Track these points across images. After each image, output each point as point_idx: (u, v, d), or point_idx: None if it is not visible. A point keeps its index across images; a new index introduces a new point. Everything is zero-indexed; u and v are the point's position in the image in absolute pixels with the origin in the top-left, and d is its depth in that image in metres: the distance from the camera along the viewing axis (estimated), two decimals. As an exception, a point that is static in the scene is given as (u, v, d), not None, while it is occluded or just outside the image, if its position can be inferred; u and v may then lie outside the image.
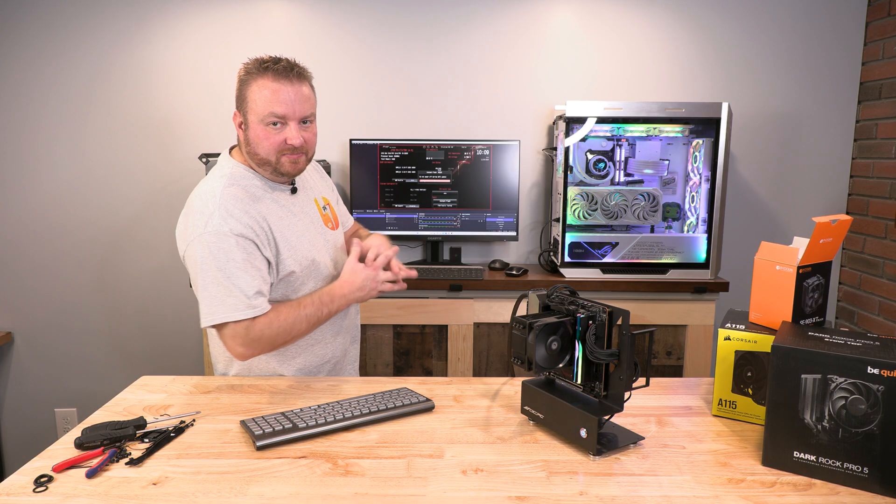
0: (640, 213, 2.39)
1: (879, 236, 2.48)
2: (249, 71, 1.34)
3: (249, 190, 1.38)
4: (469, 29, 2.58)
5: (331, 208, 1.58)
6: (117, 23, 2.52)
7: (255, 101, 1.32)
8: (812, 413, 0.99)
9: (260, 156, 1.36)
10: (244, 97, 1.35)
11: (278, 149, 1.34)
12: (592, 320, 1.08)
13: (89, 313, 2.68)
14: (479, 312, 2.34)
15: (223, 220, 1.30)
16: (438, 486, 0.97)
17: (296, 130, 1.34)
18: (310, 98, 1.37)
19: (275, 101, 1.31)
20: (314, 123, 1.41)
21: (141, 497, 0.93)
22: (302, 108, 1.34)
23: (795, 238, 1.22)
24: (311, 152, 1.42)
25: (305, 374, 1.51)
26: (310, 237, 1.45)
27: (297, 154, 1.37)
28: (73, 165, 2.59)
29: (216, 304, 1.28)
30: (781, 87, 2.61)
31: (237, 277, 1.28)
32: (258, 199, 1.38)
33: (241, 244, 1.30)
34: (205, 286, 1.29)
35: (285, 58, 1.35)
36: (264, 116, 1.32)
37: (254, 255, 1.32)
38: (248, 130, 1.36)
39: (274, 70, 1.31)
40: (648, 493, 0.95)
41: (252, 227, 1.32)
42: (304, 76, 1.37)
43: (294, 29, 2.56)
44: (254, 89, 1.33)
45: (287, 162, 1.36)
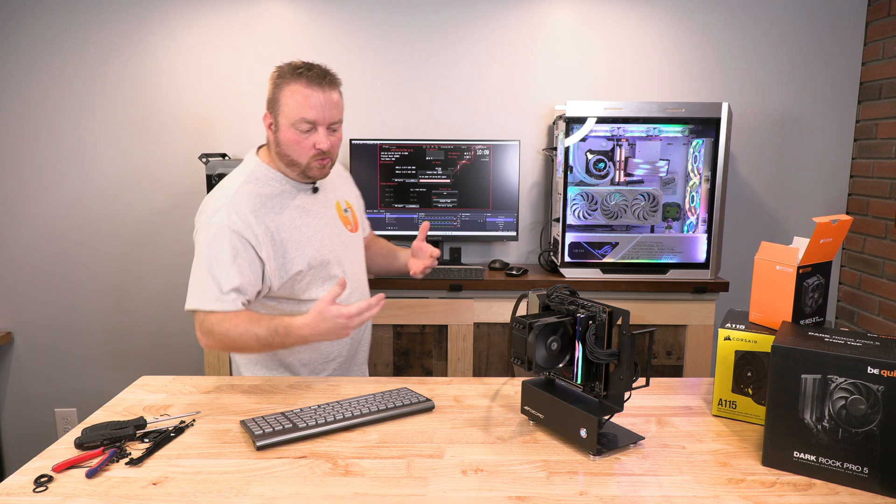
0: (640, 213, 2.39)
1: (879, 236, 2.48)
2: (283, 75, 1.39)
3: (267, 189, 1.43)
4: (469, 29, 2.58)
5: (352, 211, 1.61)
6: (118, 24, 2.52)
7: (287, 104, 1.37)
8: (812, 413, 0.99)
9: (290, 157, 1.41)
10: (276, 100, 1.39)
11: (309, 153, 1.39)
12: (592, 320, 1.08)
13: (89, 313, 2.68)
14: (479, 312, 2.34)
15: (227, 215, 1.36)
16: (438, 486, 0.97)
17: (324, 135, 1.39)
18: (339, 104, 1.42)
19: (307, 107, 1.36)
20: (340, 129, 1.46)
21: (141, 497, 0.93)
22: (331, 114, 1.39)
23: (795, 238, 1.22)
24: (335, 156, 1.47)
25: (310, 370, 1.52)
26: (322, 237, 1.48)
27: (325, 159, 1.42)
28: (73, 166, 2.59)
29: (194, 290, 1.37)
30: (781, 87, 2.61)
31: (219, 271, 1.34)
32: (274, 198, 1.43)
33: (235, 241, 1.35)
34: (193, 272, 1.39)
35: (318, 64, 1.41)
36: (296, 121, 1.37)
37: (245, 253, 1.36)
38: (278, 132, 1.41)
39: (307, 76, 1.37)
40: (648, 493, 0.95)
41: (252, 227, 1.37)
42: (335, 83, 1.42)
43: (294, 29, 2.56)
44: (286, 93, 1.37)
45: (316, 166, 1.42)
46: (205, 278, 1.35)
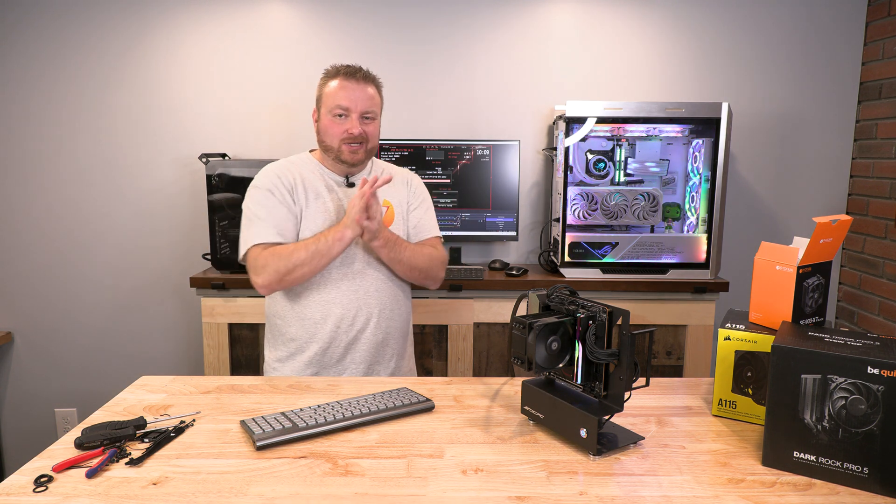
0: (640, 213, 2.39)
1: (879, 236, 2.48)
2: (327, 74, 1.60)
3: (301, 169, 1.62)
4: (469, 29, 2.58)
5: (389, 210, 1.66)
6: (119, 24, 2.52)
7: (327, 96, 1.57)
8: (812, 413, 0.99)
9: (326, 143, 1.59)
10: (320, 96, 1.60)
11: (340, 136, 1.56)
12: (592, 320, 1.08)
13: (89, 313, 2.68)
14: (479, 312, 2.34)
15: (261, 178, 1.59)
16: (438, 486, 0.97)
17: (356, 121, 1.56)
18: (373, 97, 1.60)
19: (341, 96, 1.55)
20: (376, 121, 1.62)
21: (141, 497, 0.93)
22: (364, 103, 1.56)
23: (795, 238, 1.22)
24: (370, 145, 1.61)
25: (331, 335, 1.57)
26: (333, 220, 1.58)
27: (357, 144, 1.57)
28: (74, 166, 2.59)
29: (243, 239, 1.56)
30: (781, 87, 2.61)
31: (258, 217, 1.54)
32: (306, 177, 1.61)
33: (267, 196, 1.56)
34: (242, 228, 1.58)
35: (358, 65, 1.61)
36: (332, 108, 1.56)
37: (276, 204, 1.55)
38: (320, 122, 1.61)
39: (345, 72, 1.58)
40: (648, 493, 0.95)
41: (277, 186, 1.56)
42: (371, 79, 1.60)
43: (294, 30, 2.56)
44: (328, 88, 1.58)
45: (347, 150, 1.57)
46: (247, 229, 1.55)
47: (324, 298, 1.57)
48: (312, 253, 1.48)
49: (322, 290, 1.57)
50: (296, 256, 1.48)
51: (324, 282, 1.57)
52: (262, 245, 1.52)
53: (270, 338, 1.67)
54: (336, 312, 1.57)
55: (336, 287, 1.58)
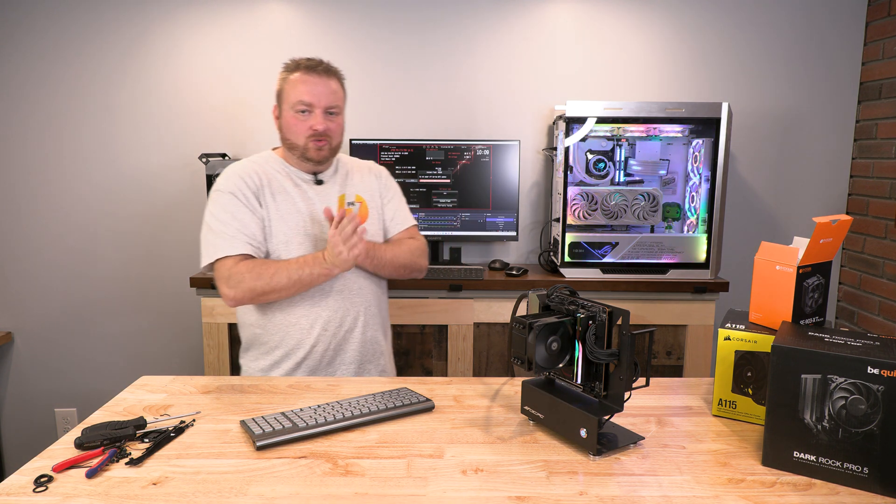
0: (640, 213, 2.39)
1: (879, 236, 2.48)
2: (287, 69, 1.55)
3: (266, 168, 1.57)
4: (469, 29, 2.58)
5: (362, 206, 1.64)
6: (119, 24, 2.52)
7: (288, 92, 1.52)
8: (812, 413, 0.99)
9: (290, 140, 1.54)
10: (281, 91, 1.55)
11: (305, 133, 1.52)
12: (592, 320, 1.08)
13: (89, 313, 2.68)
14: (479, 312, 2.34)
15: (224, 181, 1.53)
16: (438, 486, 0.97)
17: (321, 117, 1.51)
18: (337, 92, 1.55)
19: (303, 91, 1.50)
20: (340, 116, 1.58)
21: (141, 497, 0.93)
22: (327, 98, 1.52)
23: (795, 238, 1.22)
24: (335, 141, 1.57)
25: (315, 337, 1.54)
26: (303, 219, 1.55)
27: (322, 140, 1.53)
28: (73, 166, 2.59)
29: (207, 246, 1.49)
30: (781, 87, 2.61)
31: (225, 224, 1.48)
32: (272, 176, 1.56)
33: (231, 200, 1.50)
34: (203, 234, 1.51)
35: (318, 58, 1.56)
36: (294, 104, 1.51)
37: (241, 209, 1.49)
38: (281, 119, 1.56)
39: (306, 66, 1.53)
40: (648, 493, 0.95)
41: (242, 189, 1.51)
42: (333, 73, 1.56)
43: (294, 29, 2.56)
44: (289, 83, 1.53)
45: (313, 147, 1.53)
46: (213, 237, 1.48)
47: (309, 304, 1.53)
48: (294, 282, 1.45)
49: (306, 296, 1.53)
50: (276, 280, 1.44)
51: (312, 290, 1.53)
52: (235, 257, 1.46)
53: (249, 347, 1.62)
54: (324, 316, 1.54)
55: (320, 290, 1.54)
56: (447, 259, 2.61)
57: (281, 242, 1.52)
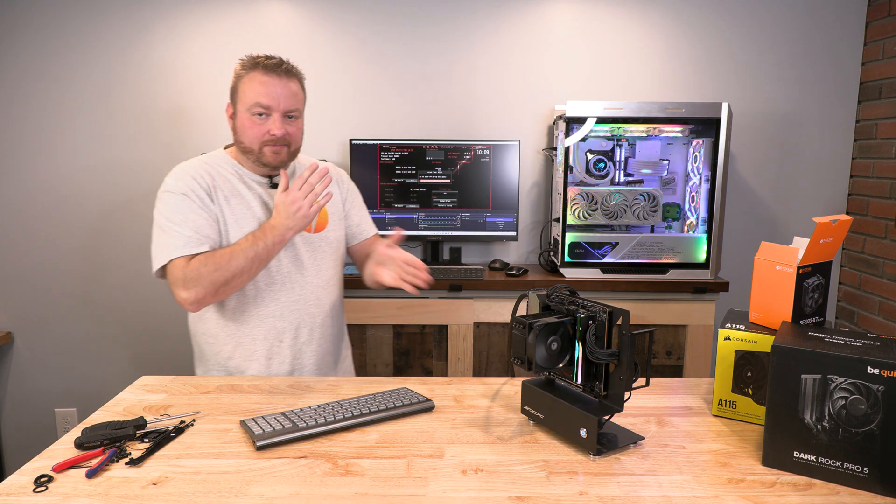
0: (640, 213, 2.39)
1: (879, 236, 2.48)
2: (244, 66, 1.43)
3: (218, 170, 1.46)
4: (469, 29, 2.58)
5: (322, 211, 1.55)
6: (119, 26, 2.52)
7: (244, 92, 1.41)
8: (812, 413, 0.99)
9: (244, 144, 1.44)
10: (236, 89, 1.44)
11: (261, 138, 1.41)
12: (592, 320, 1.08)
13: (89, 313, 2.68)
14: (479, 312, 2.34)
15: (174, 181, 1.42)
16: (438, 486, 0.97)
17: (279, 122, 1.41)
18: (297, 94, 1.45)
19: (262, 93, 1.39)
20: (300, 119, 1.48)
21: (141, 497, 0.93)
22: (287, 101, 1.42)
23: (795, 238, 1.22)
24: (294, 146, 1.47)
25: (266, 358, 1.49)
26: (259, 224, 1.44)
27: (280, 146, 1.43)
28: (74, 166, 2.59)
29: (159, 248, 1.40)
30: (781, 87, 2.61)
31: (176, 224, 1.38)
32: (223, 176, 1.46)
33: (180, 199, 1.40)
34: (153, 237, 1.42)
35: (279, 56, 1.44)
36: (251, 106, 1.40)
37: (195, 209, 1.39)
38: (236, 120, 1.45)
39: (265, 65, 1.41)
40: (648, 493, 0.95)
41: (194, 188, 1.41)
42: (294, 73, 1.45)
43: (295, 29, 2.56)
44: (245, 81, 1.42)
45: (269, 152, 1.43)
46: (164, 234, 1.39)
47: (261, 312, 1.47)
48: (252, 259, 1.35)
49: (259, 304, 1.46)
50: (234, 264, 1.34)
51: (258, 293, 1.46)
52: (186, 257, 1.35)
53: (201, 358, 1.56)
54: (277, 326, 1.48)
55: (274, 299, 1.47)
56: (447, 259, 2.61)
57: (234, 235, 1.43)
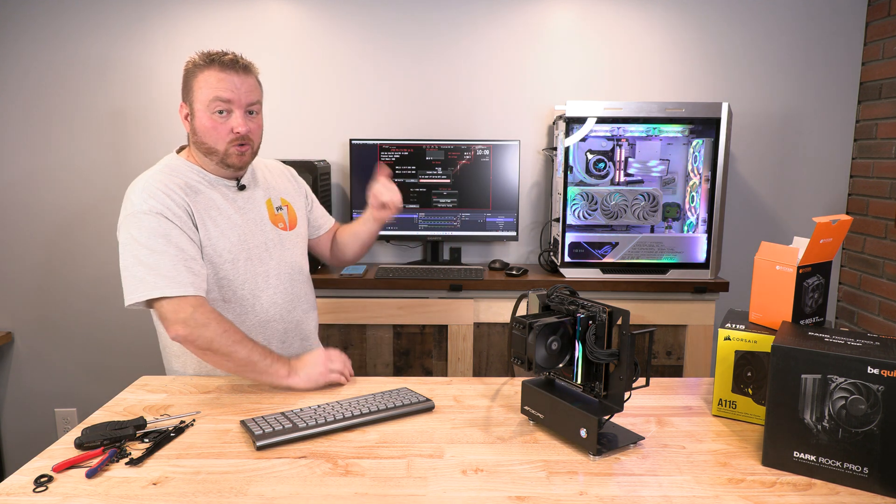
0: (640, 213, 2.39)
1: (879, 236, 2.48)
2: (196, 63, 1.36)
3: (184, 179, 1.39)
4: (469, 29, 2.58)
5: (289, 208, 1.56)
6: (118, 26, 2.52)
7: (200, 89, 1.35)
8: (812, 413, 0.99)
9: (207, 145, 1.37)
10: (190, 87, 1.37)
11: (226, 138, 1.36)
12: (592, 320, 1.08)
13: (89, 313, 2.68)
14: (479, 312, 2.34)
15: (146, 200, 1.31)
16: (438, 486, 0.97)
17: (241, 118, 1.36)
18: (255, 88, 1.40)
19: (221, 88, 1.34)
20: (260, 115, 1.43)
21: (141, 497, 0.93)
22: (248, 95, 1.37)
23: (795, 238, 1.22)
24: (256, 144, 1.43)
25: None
26: (244, 232, 1.43)
27: (244, 145, 1.38)
28: (73, 166, 2.59)
29: (141, 282, 1.27)
30: (781, 87, 2.61)
31: (158, 254, 1.28)
32: (192, 187, 1.39)
33: (161, 222, 1.30)
34: (128, 265, 1.30)
35: (231, 51, 1.38)
36: (210, 102, 1.34)
37: (178, 235, 1.31)
38: (194, 120, 1.38)
39: (220, 62, 1.35)
40: (648, 493, 0.95)
41: (171, 207, 1.32)
42: (250, 69, 1.40)
43: (294, 29, 2.56)
44: (200, 79, 1.35)
45: (235, 153, 1.38)
46: (145, 268, 1.28)
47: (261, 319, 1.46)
48: (244, 366, 1.31)
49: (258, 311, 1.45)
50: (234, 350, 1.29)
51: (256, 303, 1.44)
52: (188, 299, 1.28)
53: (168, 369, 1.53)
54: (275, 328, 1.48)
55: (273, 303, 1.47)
56: (447, 259, 2.61)
57: (227, 262, 1.40)
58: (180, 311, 1.27)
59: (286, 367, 1.34)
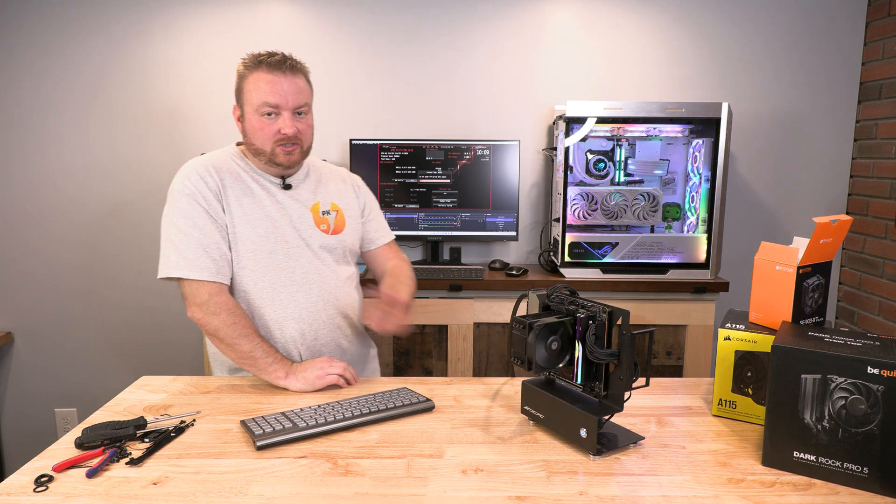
0: (640, 213, 2.39)
1: (879, 236, 2.48)
2: (246, 65, 1.41)
3: (229, 165, 1.44)
4: (469, 29, 2.58)
5: (339, 214, 1.54)
6: (119, 26, 2.52)
7: (250, 92, 1.39)
8: (812, 413, 0.99)
9: (256, 146, 1.42)
10: (241, 90, 1.42)
11: (273, 138, 1.39)
12: (592, 320, 1.08)
13: (89, 313, 2.68)
14: (479, 312, 2.34)
15: (183, 180, 1.39)
16: (438, 486, 0.97)
17: (289, 120, 1.39)
18: (304, 90, 1.42)
19: (268, 92, 1.37)
20: (309, 115, 1.46)
21: (141, 497, 0.93)
22: (295, 98, 1.39)
23: (795, 238, 1.22)
24: (305, 144, 1.45)
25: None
26: (275, 224, 1.43)
27: (292, 145, 1.41)
28: (73, 166, 2.59)
29: (168, 259, 1.35)
30: (781, 87, 2.61)
31: (184, 232, 1.35)
32: (234, 173, 1.43)
33: (191, 206, 1.37)
34: (163, 238, 1.38)
35: (281, 52, 1.41)
36: (259, 106, 1.38)
37: (201, 216, 1.37)
38: (245, 122, 1.43)
39: (268, 63, 1.38)
40: (648, 493, 0.95)
41: (200, 189, 1.38)
42: (299, 68, 1.42)
43: (294, 28, 2.56)
44: (250, 81, 1.39)
45: (281, 153, 1.41)
46: (175, 249, 1.35)
47: (279, 316, 1.44)
48: (245, 359, 1.35)
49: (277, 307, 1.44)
50: (238, 343, 1.34)
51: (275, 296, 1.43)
52: (207, 284, 1.34)
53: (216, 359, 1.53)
54: (296, 329, 1.45)
55: (293, 301, 1.44)
56: (447, 259, 2.61)
57: (248, 250, 1.40)
58: (197, 295, 1.35)
59: (285, 368, 1.36)
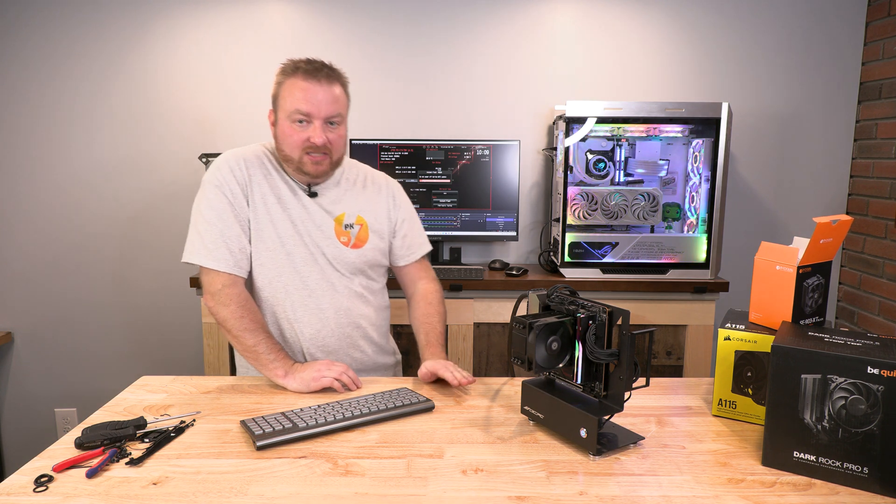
0: (640, 213, 2.39)
1: (879, 236, 2.48)
2: (284, 71, 1.41)
3: (263, 160, 1.46)
4: (469, 29, 2.58)
5: (363, 228, 1.52)
6: (119, 26, 2.52)
7: (285, 98, 1.39)
8: (812, 413, 0.99)
9: (284, 152, 1.42)
10: (277, 96, 1.42)
11: (302, 146, 1.39)
12: (592, 320, 1.08)
13: (89, 313, 2.68)
14: (479, 312, 2.34)
15: (214, 171, 1.42)
16: (438, 486, 0.97)
17: (320, 129, 1.38)
18: (339, 100, 1.41)
19: (302, 99, 1.37)
20: (342, 126, 1.44)
21: (141, 497, 0.93)
22: (329, 108, 1.38)
23: (795, 238, 1.22)
24: (336, 155, 1.44)
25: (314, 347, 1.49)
26: (293, 230, 1.45)
27: (321, 155, 1.41)
28: (73, 166, 2.59)
29: (193, 244, 1.39)
30: (781, 87, 2.61)
31: (209, 222, 1.38)
32: (267, 169, 1.45)
33: (218, 197, 1.40)
34: (191, 226, 1.42)
35: (321, 60, 1.41)
36: (291, 113, 1.38)
37: (225, 209, 1.40)
38: (277, 127, 1.43)
39: (305, 70, 1.38)
40: (648, 493, 0.95)
41: (228, 182, 1.41)
42: (335, 77, 1.41)
43: (294, 29, 2.56)
44: (286, 88, 1.39)
45: (309, 162, 1.41)
46: (200, 237, 1.39)
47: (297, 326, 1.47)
48: (248, 352, 1.37)
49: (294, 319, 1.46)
50: (243, 336, 1.36)
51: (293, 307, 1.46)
52: (222, 275, 1.38)
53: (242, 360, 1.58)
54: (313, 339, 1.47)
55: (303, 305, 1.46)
56: (447, 259, 2.61)
57: (267, 248, 1.43)
58: (212, 284, 1.38)
59: (285, 367, 1.36)
